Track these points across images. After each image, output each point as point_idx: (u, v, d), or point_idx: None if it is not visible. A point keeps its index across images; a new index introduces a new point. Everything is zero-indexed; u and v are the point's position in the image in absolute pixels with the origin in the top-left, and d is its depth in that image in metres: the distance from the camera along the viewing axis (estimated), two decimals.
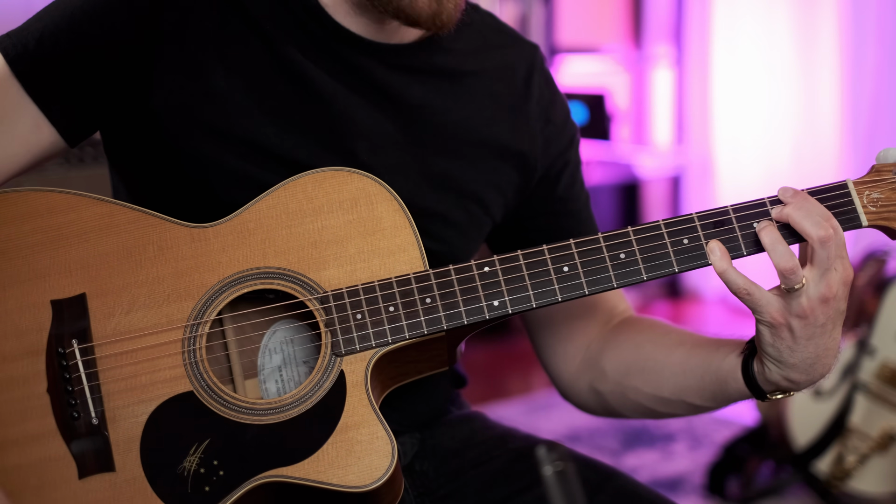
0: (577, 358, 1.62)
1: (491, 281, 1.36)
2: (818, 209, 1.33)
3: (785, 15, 5.48)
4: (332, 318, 1.34)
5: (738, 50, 5.66)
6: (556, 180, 1.61)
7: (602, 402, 1.61)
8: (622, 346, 1.57)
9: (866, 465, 3.19)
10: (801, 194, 1.35)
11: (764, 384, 1.40)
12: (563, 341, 1.63)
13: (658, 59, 6.07)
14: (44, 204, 1.37)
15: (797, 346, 1.34)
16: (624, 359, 1.56)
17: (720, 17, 5.72)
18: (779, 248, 1.32)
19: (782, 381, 1.38)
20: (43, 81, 1.39)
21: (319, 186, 1.38)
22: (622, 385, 1.56)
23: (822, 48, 5.35)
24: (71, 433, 1.31)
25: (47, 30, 1.40)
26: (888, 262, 3.39)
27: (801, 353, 1.35)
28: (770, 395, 1.41)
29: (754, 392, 1.41)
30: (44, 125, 1.40)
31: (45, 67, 1.39)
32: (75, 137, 1.43)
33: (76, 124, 1.42)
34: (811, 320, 1.32)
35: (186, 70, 1.41)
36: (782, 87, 5.51)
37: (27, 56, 1.39)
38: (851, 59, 5.23)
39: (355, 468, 1.30)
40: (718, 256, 1.34)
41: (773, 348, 1.35)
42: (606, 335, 1.61)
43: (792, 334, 1.33)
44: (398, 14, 1.40)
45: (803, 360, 1.35)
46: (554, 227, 1.61)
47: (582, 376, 1.61)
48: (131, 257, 1.36)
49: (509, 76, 1.57)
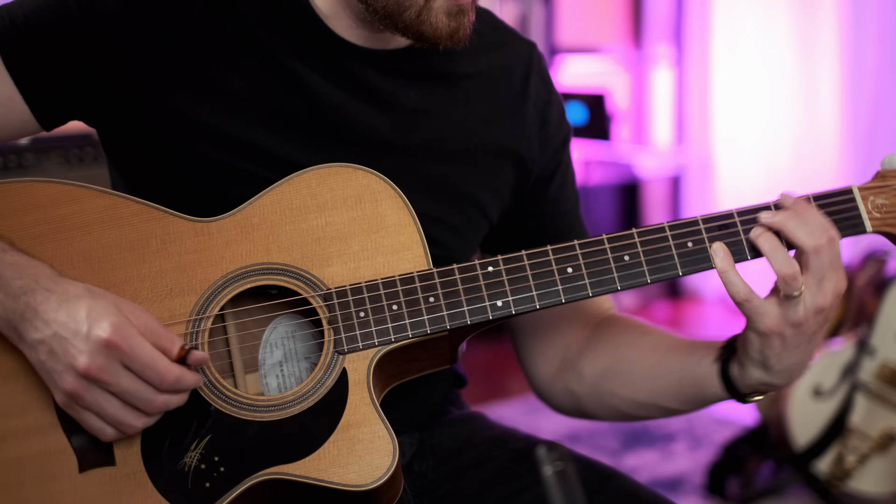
0: (557, 358, 1.62)
1: (495, 281, 1.35)
2: (815, 218, 1.33)
3: (785, 15, 5.48)
4: (336, 316, 1.34)
5: (738, 50, 5.66)
6: (548, 181, 1.61)
7: (577, 404, 1.61)
8: (601, 349, 1.57)
9: (866, 465, 3.19)
10: (799, 202, 1.35)
11: (743, 387, 1.41)
12: (543, 341, 1.63)
13: (658, 59, 6.07)
14: (47, 195, 1.36)
15: (785, 353, 1.35)
16: (601, 361, 1.57)
17: (720, 17, 5.73)
18: (779, 255, 1.32)
19: (760, 386, 1.39)
20: (24, 60, 1.39)
21: (324, 182, 1.38)
22: (598, 388, 1.57)
23: (822, 48, 5.35)
24: (72, 426, 1.31)
25: (39, 10, 1.39)
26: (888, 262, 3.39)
27: (788, 360, 1.36)
28: (749, 398, 1.42)
29: (733, 395, 1.42)
30: (17, 100, 1.40)
31: (29, 45, 1.38)
32: (49, 121, 1.43)
33: (52, 108, 1.42)
34: (804, 329, 1.33)
35: (181, 71, 1.40)
36: (782, 87, 5.51)
37: (13, 31, 1.38)
38: (851, 59, 5.24)
39: (356, 467, 1.30)
40: (721, 258, 1.34)
41: (760, 354, 1.35)
42: (587, 336, 1.60)
43: (783, 342, 1.34)
44: (418, 37, 1.39)
45: (788, 367, 1.36)
46: (543, 228, 1.60)
47: (559, 377, 1.61)
48: (134, 250, 1.35)
49: (506, 77, 1.56)
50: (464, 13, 1.38)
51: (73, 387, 1.23)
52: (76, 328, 1.22)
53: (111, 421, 1.25)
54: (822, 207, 1.36)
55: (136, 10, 1.40)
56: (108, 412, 1.25)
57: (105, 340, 1.22)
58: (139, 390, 1.24)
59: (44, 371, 1.25)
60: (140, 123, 1.41)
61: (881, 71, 5.15)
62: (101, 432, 1.27)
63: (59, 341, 1.23)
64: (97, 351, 1.22)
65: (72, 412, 1.27)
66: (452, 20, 1.38)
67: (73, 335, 1.22)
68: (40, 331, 1.24)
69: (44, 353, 1.24)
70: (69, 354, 1.22)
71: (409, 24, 1.37)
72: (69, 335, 1.22)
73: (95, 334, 1.22)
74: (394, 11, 1.37)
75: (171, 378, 1.25)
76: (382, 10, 1.37)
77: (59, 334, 1.23)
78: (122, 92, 1.40)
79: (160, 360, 1.24)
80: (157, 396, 1.25)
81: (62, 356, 1.23)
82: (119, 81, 1.40)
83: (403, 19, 1.37)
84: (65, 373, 1.23)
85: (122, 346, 1.22)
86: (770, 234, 1.34)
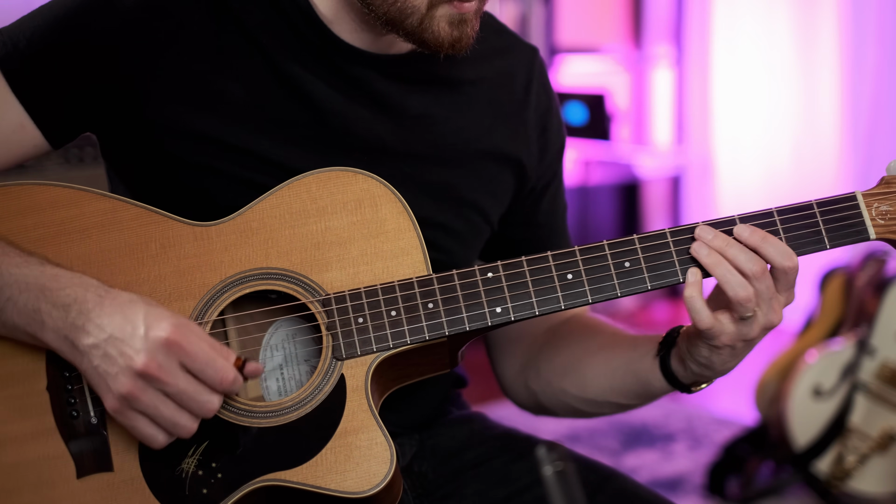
0: (521, 356, 1.64)
1: (494, 287, 1.35)
2: (741, 255, 1.33)
3: (785, 15, 5.48)
4: (334, 322, 1.33)
5: (738, 50, 5.66)
6: (542, 192, 1.61)
7: (537, 401, 1.63)
8: (556, 347, 1.60)
9: (866, 465, 3.20)
10: (720, 239, 1.34)
11: (684, 379, 1.45)
12: (511, 339, 1.65)
13: (658, 59, 6.07)
14: (46, 198, 1.36)
15: (732, 360, 1.39)
16: (556, 360, 1.59)
17: (720, 17, 5.72)
18: (733, 279, 1.33)
19: (701, 378, 1.44)
20: (31, 82, 1.39)
21: (324, 186, 1.37)
22: (552, 385, 1.59)
23: (822, 48, 5.35)
24: (70, 432, 1.31)
25: (39, 30, 1.39)
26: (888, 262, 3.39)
27: (731, 363, 1.39)
28: (693, 388, 1.46)
29: (677, 387, 1.47)
30: (28, 126, 1.40)
31: (33, 68, 1.38)
32: (59, 140, 1.43)
33: (61, 127, 1.42)
34: (754, 342, 1.37)
35: (181, 80, 1.40)
36: (782, 87, 5.51)
37: (17, 55, 1.38)
38: (851, 59, 5.23)
39: (353, 474, 1.30)
40: (691, 283, 1.35)
41: (707, 360, 1.39)
42: (548, 335, 1.62)
43: (732, 351, 1.37)
44: (420, 44, 1.39)
45: (729, 367, 1.40)
46: (531, 238, 1.61)
47: (521, 374, 1.63)
48: (133, 254, 1.35)
49: (508, 83, 1.56)
50: (466, 22, 1.38)
51: (130, 388, 1.22)
52: (133, 331, 1.22)
53: (165, 423, 1.24)
54: (824, 214, 1.36)
55: (135, 21, 1.39)
56: (164, 414, 1.23)
57: (165, 339, 1.21)
58: (197, 391, 1.23)
59: (96, 377, 1.24)
60: (141, 134, 1.41)
61: (881, 71, 5.15)
62: (152, 439, 1.26)
63: (114, 344, 1.22)
64: (156, 349, 1.21)
65: (123, 419, 1.25)
66: (455, 29, 1.37)
67: (129, 336, 1.22)
68: (94, 335, 1.23)
69: (97, 358, 1.23)
70: (126, 355, 1.22)
71: (410, 30, 1.37)
72: (126, 337, 1.22)
73: (154, 334, 1.21)
74: (396, 18, 1.37)
75: (230, 377, 1.24)
76: (385, 16, 1.37)
77: (114, 336, 1.22)
78: (123, 103, 1.40)
79: (218, 359, 1.24)
80: (213, 397, 1.24)
81: (118, 358, 1.22)
82: (121, 93, 1.40)
83: (405, 26, 1.37)
84: (120, 374, 1.22)
85: (182, 344, 1.22)
86: (719, 256, 1.34)
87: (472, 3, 1.37)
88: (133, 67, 1.39)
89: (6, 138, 1.39)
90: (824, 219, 1.36)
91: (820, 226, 1.36)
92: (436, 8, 1.36)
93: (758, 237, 1.34)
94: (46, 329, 1.25)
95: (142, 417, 1.24)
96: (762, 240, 1.33)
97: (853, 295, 3.40)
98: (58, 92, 1.39)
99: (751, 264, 1.32)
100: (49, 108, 1.40)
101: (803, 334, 3.55)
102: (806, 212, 1.36)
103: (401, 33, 1.38)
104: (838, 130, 5.30)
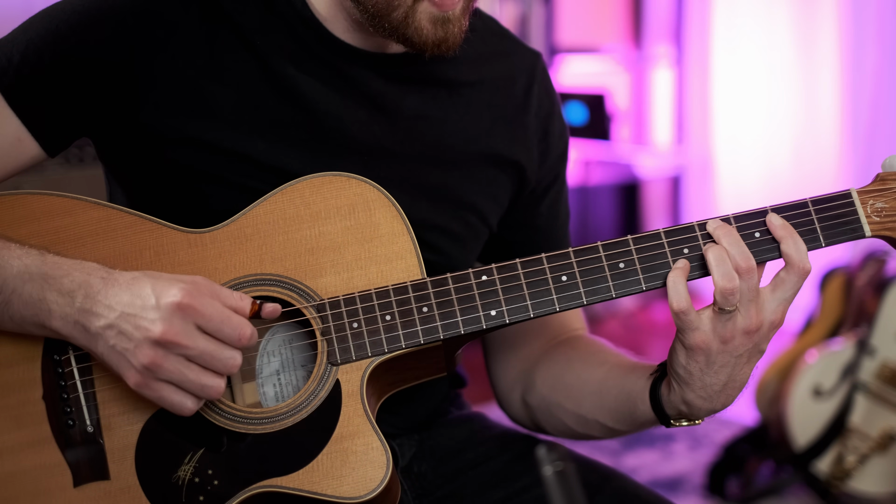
0: (517, 368, 1.62)
1: (488, 290, 1.34)
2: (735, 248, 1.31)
3: (785, 15, 5.48)
4: (329, 327, 1.33)
5: (738, 50, 5.66)
6: (542, 195, 1.60)
7: (530, 416, 1.61)
8: (554, 362, 1.57)
9: (866, 465, 3.20)
10: (725, 230, 1.33)
11: (667, 407, 1.40)
12: (507, 350, 1.63)
13: (658, 59, 6.07)
14: (41, 207, 1.36)
15: (709, 370, 1.34)
16: (552, 374, 1.56)
17: (720, 17, 5.72)
18: (723, 267, 1.31)
19: (681, 405, 1.38)
20: (26, 95, 1.39)
21: (317, 192, 1.37)
22: (546, 400, 1.57)
23: (822, 48, 5.35)
24: (66, 441, 1.31)
25: (32, 43, 1.39)
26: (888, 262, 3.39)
27: (711, 378, 1.34)
28: (673, 422, 1.42)
29: (659, 416, 1.42)
30: (26, 139, 1.40)
31: (28, 81, 1.38)
32: (57, 148, 1.43)
33: (58, 137, 1.42)
34: (730, 347, 1.32)
35: (175, 85, 1.40)
36: (782, 87, 5.51)
37: (11, 69, 1.38)
38: (851, 59, 5.23)
39: (350, 479, 1.30)
40: (677, 267, 1.33)
41: (684, 370, 1.35)
42: (547, 349, 1.60)
43: (707, 358, 1.33)
44: (404, 41, 1.38)
45: (710, 386, 1.35)
46: (530, 241, 1.60)
47: (516, 387, 1.61)
48: (128, 262, 1.35)
49: (509, 86, 1.55)
50: (451, 21, 1.37)
51: (151, 357, 1.22)
52: (143, 303, 1.22)
53: (193, 387, 1.24)
54: (819, 212, 1.35)
55: (128, 29, 1.39)
56: (190, 377, 1.23)
57: (177, 304, 1.22)
58: (218, 349, 1.24)
59: (114, 355, 1.24)
60: (136, 139, 1.41)
61: (881, 71, 5.14)
62: (181, 405, 1.25)
63: (127, 319, 1.23)
64: (171, 315, 1.22)
65: (148, 391, 1.24)
66: (439, 28, 1.36)
67: (141, 309, 1.22)
68: (105, 316, 1.24)
69: (112, 338, 1.23)
70: (141, 328, 1.22)
71: (396, 25, 1.36)
72: (137, 311, 1.22)
73: (166, 301, 1.22)
74: (382, 11, 1.36)
75: (247, 332, 1.25)
76: (372, 9, 1.36)
77: (126, 313, 1.23)
78: (118, 110, 1.40)
79: (233, 316, 1.24)
80: (234, 353, 1.25)
81: (134, 332, 1.22)
82: (115, 100, 1.40)
83: (391, 20, 1.36)
84: (139, 347, 1.22)
85: (195, 306, 1.22)
86: (718, 246, 1.32)
87: (452, 2, 1.36)
88: (127, 75, 1.39)
89: (5, 152, 1.40)
90: (819, 217, 1.35)
91: (815, 224, 1.35)
92: (419, 2, 1.35)
93: (788, 230, 1.33)
94: (54, 317, 1.26)
95: (167, 386, 1.24)
96: (791, 234, 1.32)
97: (853, 295, 3.40)
98: (54, 104, 1.39)
99: (741, 259, 1.31)
100: (46, 121, 1.40)
101: (803, 334, 3.55)
102: (801, 210, 1.35)
103: (387, 28, 1.37)
104: (838, 130, 5.30)
